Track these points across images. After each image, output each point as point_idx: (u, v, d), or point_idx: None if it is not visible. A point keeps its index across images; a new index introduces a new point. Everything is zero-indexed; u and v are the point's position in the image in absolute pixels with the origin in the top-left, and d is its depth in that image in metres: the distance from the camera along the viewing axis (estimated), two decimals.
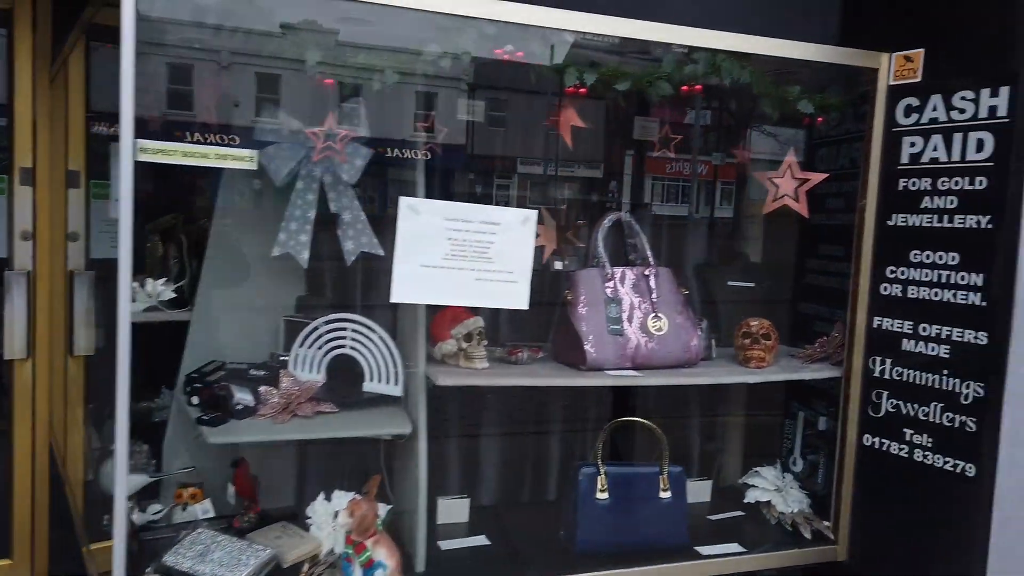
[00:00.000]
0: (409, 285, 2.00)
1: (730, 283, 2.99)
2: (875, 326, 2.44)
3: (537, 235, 2.27)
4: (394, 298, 2.01)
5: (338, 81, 2.08)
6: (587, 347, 2.36)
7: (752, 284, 3.00)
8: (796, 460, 2.88)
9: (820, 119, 2.63)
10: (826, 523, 2.62)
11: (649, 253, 2.55)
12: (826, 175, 2.52)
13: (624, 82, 2.17)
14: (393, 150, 2.32)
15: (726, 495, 2.93)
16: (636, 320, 2.45)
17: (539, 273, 2.66)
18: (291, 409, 2.21)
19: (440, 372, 2.23)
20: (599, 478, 2.41)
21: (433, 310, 2.33)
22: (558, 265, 2.62)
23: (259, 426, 2.16)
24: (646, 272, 2.52)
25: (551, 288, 2.62)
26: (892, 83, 2.38)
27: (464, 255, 2.05)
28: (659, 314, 2.47)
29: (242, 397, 2.23)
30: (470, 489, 2.80)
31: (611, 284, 2.47)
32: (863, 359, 2.47)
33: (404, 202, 1.98)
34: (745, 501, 2.77)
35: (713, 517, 2.77)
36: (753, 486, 2.79)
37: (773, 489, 2.77)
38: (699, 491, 2.92)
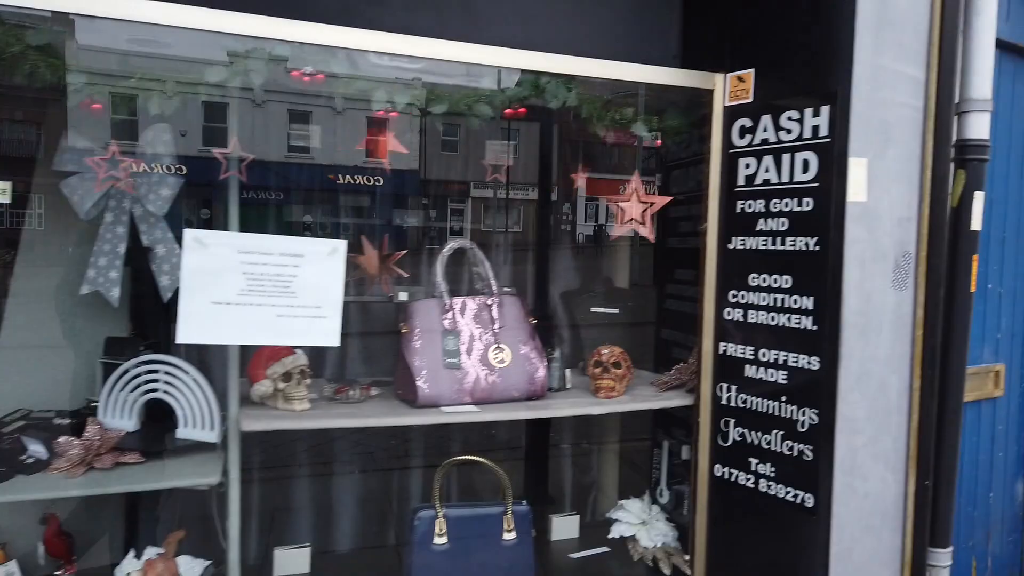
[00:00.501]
0: (198, 325, 1.85)
1: (593, 309, 2.90)
2: (721, 352, 2.37)
3: (357, 266, 2.15)
4: (180, 339, 1.86)
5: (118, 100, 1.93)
6: (419, 382, 2.24)
7: (616, 310, 2.92)
8: (663, 491, 2.78)
9: (659, 142, 2.58)
10: (687, 557, 2.52)
11: (493, 282, 2.45)
12: (670, 198, 2.47)
13: (440, 104, 2.08)
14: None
15: (599, 529, 2.82)
16: (476, 352, 2.34)
17: (384, 304, 2.55)
18: (88, 461, 2.03)
19: (248, 416, 2.08)
20: (437, 521, 2.27)
21: (251, 348, 2.19)
22: (403, 296, 2.50)
23: (48, 481, 1.98)
24: (489, 301, 2.42)
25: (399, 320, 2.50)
26: (727, 104, 2.34)
27: (263, 290, 1.91)
28: (502, 345, 2.37)
29: (35, 450, 2.05)
30: (317, 535, 2.64)
31: (449, 315, 2.35)
32: (711, 386, 2.40)
33: (189, 234, 1.84)
34: (610, 536, 2.67)
35: (575, 555, 2.66)
36: (618, 520, 2.69)
37: (638, 523, 2.67)
38: (566, 527, 2.81)
